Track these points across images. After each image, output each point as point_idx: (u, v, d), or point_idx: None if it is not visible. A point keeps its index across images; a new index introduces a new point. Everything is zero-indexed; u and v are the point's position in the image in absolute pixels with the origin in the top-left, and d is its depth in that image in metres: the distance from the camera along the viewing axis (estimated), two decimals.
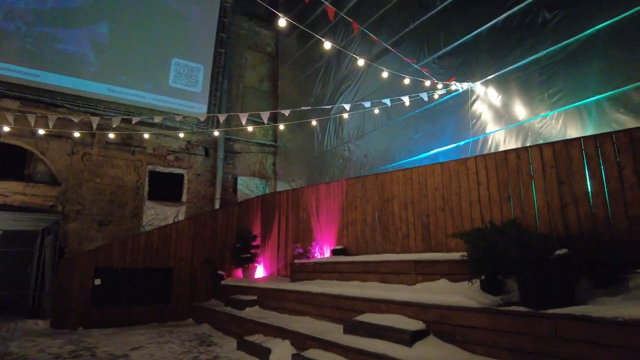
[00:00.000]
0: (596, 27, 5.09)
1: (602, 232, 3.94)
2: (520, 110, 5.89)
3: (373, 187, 6.72)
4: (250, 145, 12.41)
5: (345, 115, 8.21)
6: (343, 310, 5.10)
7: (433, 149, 7.06)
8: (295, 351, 4.82)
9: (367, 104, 6.60)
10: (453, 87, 6.48)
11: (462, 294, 4.08)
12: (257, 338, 5.65)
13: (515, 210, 4.74)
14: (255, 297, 7.29)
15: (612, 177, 3.97)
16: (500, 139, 6.06)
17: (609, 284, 3.61)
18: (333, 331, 4.75)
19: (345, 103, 7.88)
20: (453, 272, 4.74)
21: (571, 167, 4.28)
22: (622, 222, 3.85)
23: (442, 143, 6.87)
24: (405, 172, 6.22)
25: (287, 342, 5.14)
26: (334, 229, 7.49)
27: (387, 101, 6.57)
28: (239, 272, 9.49)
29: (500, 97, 6.15)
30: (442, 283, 4.72)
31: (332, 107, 9.50)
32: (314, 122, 8.07)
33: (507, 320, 3.38)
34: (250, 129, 10.17)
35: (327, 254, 7.40)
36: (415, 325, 4.01)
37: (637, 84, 4.62)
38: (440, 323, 3.92)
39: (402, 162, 7.57)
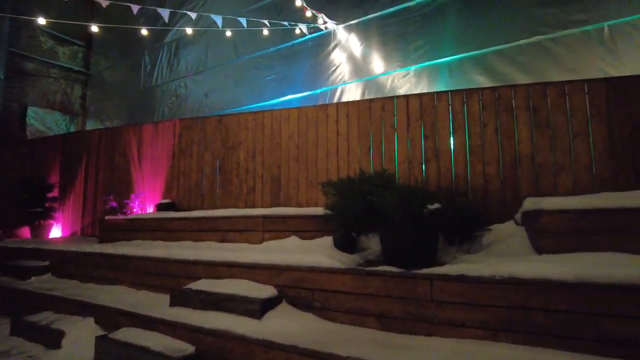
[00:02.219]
0: None
1: (461, 189, 3.83)
2: (383, 62, 5.59)
3: (215, 132, 5.62)
4: (50, 68, 9.48)
5: (186, 44, 6.73)
6: (171, 278, 4.01)
7: (287, 95, 6.32)
8: (101, 332, 3.55)
9: (218, 20, 5.34)
10: (320, 22, 5.77)
11: (318, 252, 3.49)
12: (44, 317, 4.09)
13: (375, 163, 4.37)
14: (46, 263, 5.46)
15: (475, 134, 3.87)
16: (359, 92, 5.69)
17: (463, 241, 3.52)
18: (156, 304, 3.64)
19: (187, 27, 6.40)
20: (305, 228, 4.17)
21: (437, 122, 4.06)
22: (479, 180, 3.79)
23: (296, 89, 6.17)
24: (256, 116, 5.31)
25: (89, 321, 3.79)
26: (161, 179, 6.14)
27: (243, 21, 5.45)
28: (25, 232, 7.23)
29: (363, 45, 5.75)
30: (293, 241, 4.10)
31: (168, 31, 7.78)
32: (143, 31, 6.29)
33: (377, 282, 2.90)
34: (52, 45, 7.61)
35: (152, 209, 6.03)
36: (266, 291, 3.25)
37: (493, 47, 4.71)
38: (296, 288, 3.25)
39: (250, 106, 6.62)
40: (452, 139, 3.97)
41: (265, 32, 5.90)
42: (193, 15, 5.59)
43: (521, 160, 3.63)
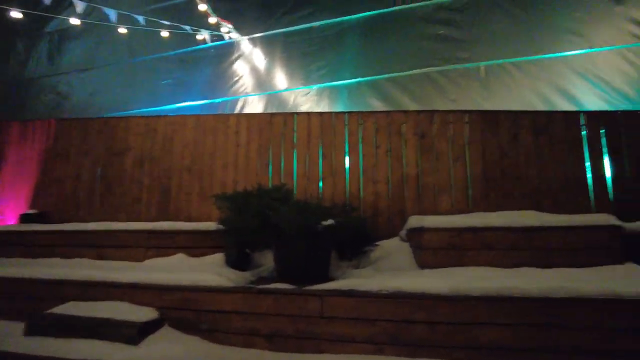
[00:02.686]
0: (356, 16, 5.34)
1: (354, 205, 3.94)
2: (287, 78, 5.63)
3: (99, 135, 5.07)
4: None
5: (72, 37, 6.03)
6: (31, 301, 3.43)
7: (184, 102, 6.00)
8: None
9: (112, 15, 4.87)
10: (224, 31, 5.61)
11: (208, 270, 3.30)
12: None
13: (273, 178, 4.32)
14: None
15: (369, 154, 4.05)
16: (261, 105, 5.64)
17: (352, 256, 3.62)
18: (8, 334, 3.08)
19: (74, 18, 5.75)
20: (194, 245, 3.94)
21: (335, 140, 4.17)
22: (370, 197, 3.96)
23: (195, 96, 5.90)
24: (148, 121, 4.92)
25: None
26: (27, 187, 5.33)
27: (140, 19, 5.05)
28: None
29: (267, 59, 5.74)
30: (181, 259, 3.83)
31: (51, 19, 6.90)
32: (16, 14, 5.41)
33: (269, 300, 2.80)
34: None
35: (14, 221, 5.19)
36: (146, 314, 2.93)
37: (388, 75, 5.03)
38: (181, 309, 3.00)
39: (142, 110, 6.13)
40: (347, 157, 4.09)
41: (165, 34, 5.57)
42: (80, 4, 5.02)
43: (408, 180, 3.88)
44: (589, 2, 4.71)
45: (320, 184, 4.12)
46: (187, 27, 5.44)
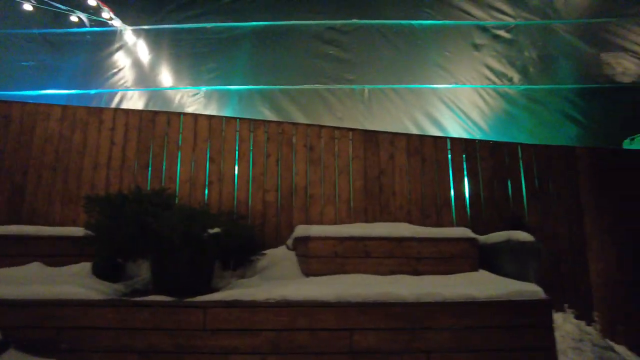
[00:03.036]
0: (251, 23, 5.33)
1: (242, 213, 3.89)
2: (173, 76, 5.31)
3: None
4: None
5: None
6: None
7: (49, 89, 5.22)
8: None
9: None
10: (105, 17, 5.05)
11: (70, 282, 2.92)
12: None
13: (153, 181, 4.02)
14: None
15: (259, 162, 4.03)
16: (142, 102, 5.21)
17: (237, 266, 3.55)
18: None
19: None
20: (54, 252, 3.46)
21: (224, 146, 4.06)
22: (259, 206, 3.94)
23: (64, 84, 5.19)
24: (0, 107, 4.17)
25: None
26: None
27: None
28: None
29: (152, 54, 5.35)
30: (36, 268, 3.32)
31: None
32: None
33: (145, 314, 2.58)
34: None
35: None
36: None
37: (280, 86, 5.10)
38: (35, 328, 2.58)
39: None
40: (237, 164, 4.02)
41: (28, 7, 4.80)
42: None
43: (297, 190, 3.96)
44: (456, 44, 5.46)
45: (206, 190, 3.96)
46: (60, 5, 4.78)
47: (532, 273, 3.30)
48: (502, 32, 5.55)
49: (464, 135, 5.15)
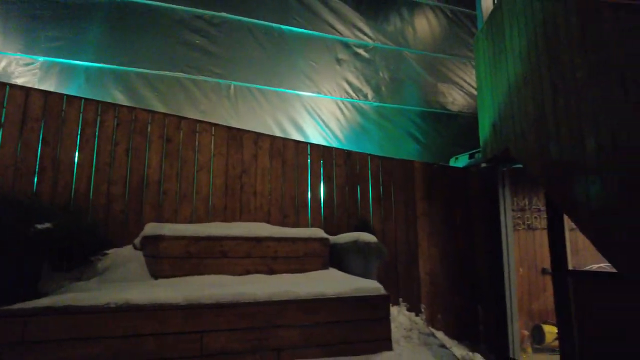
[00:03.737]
0: None
1: (80, 207, 3.42)
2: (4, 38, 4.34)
3: None
4: None
5: None
6: None
7: None
8: None
9: None
10: None
11: None
12: None
13: None
14: None
15: (105, 151, 3.60)
16: None
17: (72, 267, 3.12)
18: None
19: None
20: None
21: (63, 128, 3.51)
22: (102, 199, 3.51)
23: None
24: None
25: None
26: None
27: None
28: None
29: None
30: None
31: None
32: None
33: None
34: None
35: None
36: None
37: (137, 69, 4.64)
38: None
39: None
40: (77, 151, 3.52)
41: None
42: None
43: (149, 185, 3.66)
44: (322, 56, 5.76)
45: (36, 177, 3.37)
46: None
47: (375, 271, 3.66)
48: (361, 51, 6.06)
49: (323, 142, 5.45)
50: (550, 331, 4.55)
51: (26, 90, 3.51)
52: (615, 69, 2.55)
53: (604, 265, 4.77)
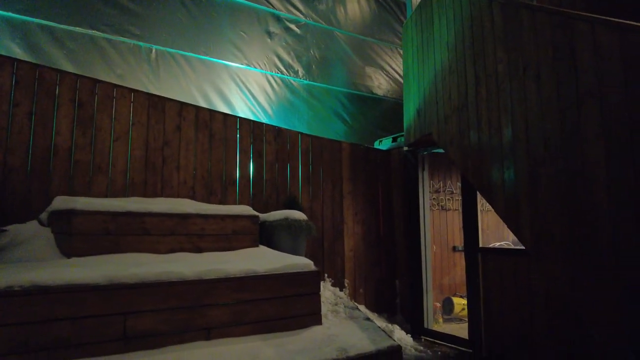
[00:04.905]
0: None
1: None
2: None
3: None
4: None
5: None
6: None
7: None
8: None
9: None
10: None
11: None
12: None
13: None
14: None
15: (1, 112, 3.12)
16: None
17: None
18: None
19: None
20: None
21: None
22: None
23: None
24: None
25: None
26: None
27: None
28: None
29: None
30: None
31: None
32: None
33: None
34: None
35: None
36: None
37: (41, 20, 4.04)
38: None
39: None
40: None
41: None
42: None
43: (57, 154, 3.26)
44: (252, 27, 5.51)
45: None
46: None
47: (304, 248, 3.70)
48: (293, 26, 5.93)
49: (251, 117, 5.28)
50: (459, 302, 5.01)
51: None
52: (531, 66, 2.80)
53: (503, 244, 5.34)
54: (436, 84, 4.08)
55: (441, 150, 4.46)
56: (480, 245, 3.92)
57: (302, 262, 2.99)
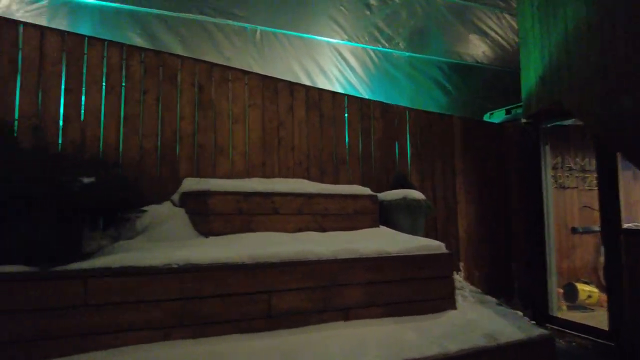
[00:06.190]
0: None
1: (111, 161, 3.15)
2: None
3: None
4: None
5: None
6: None
7: None
8: None
9: None
10: None
11: None
12: None
13: None
14: None
15: (133, 100, 3.28)
16: None
17: (109, 225, 2.90)
18: None
19: None
20: None
21: (86, 74, 3.17)
22: (133, 153, 3.24)
23: None
24: None
25: None
26: None
27: None
28: None
29: None
30: None
31: None
32: None
33: None
34: None
35: None
36: None
37: (156, 10, 4.22)
38: None
39: None
40: (104, 100, 3.20)
41: None
42: None
43: (182, 138, 3.38)
44: (352, 0, 5.32)
45: (61, 129, 3.06)
46: None
47: (423, 229, 3.53)
48: None
49: (352, 93, 5.14)
50: (584, 289, 4.55)
51: (42, 30, 3.13)
52: None
53: (632, 225, 4.73)
54: (567, 46, 3.61)
55: (568, 122, 4.00)
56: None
57: (434, 244, 2.84)
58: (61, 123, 3.06)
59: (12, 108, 2.95)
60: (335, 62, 5.23)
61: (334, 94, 4.04)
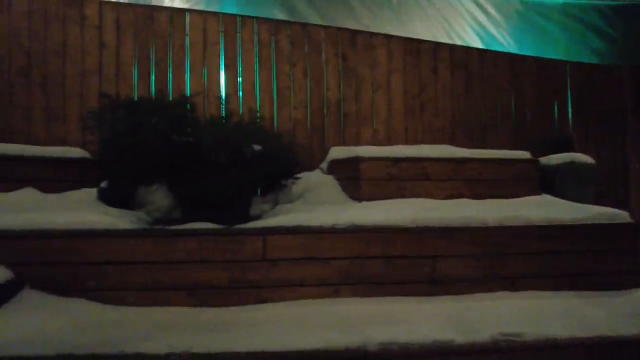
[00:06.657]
0: None
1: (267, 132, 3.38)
2: None
3: None
4: None
5: None
6: None
7: None
8: None
9: None
10: None
11: (85, 209, 2.41)
12: None
13: (156, 90, 3.37)
14: None
15: (283, 73, 3.46)
16: None
17: (267, 191, 3.12)
18: None
19: None
20: (47, 176, 2.87)
21: (240, 51, 3.43)
22: (286, 124, 3.44)
23: None
24: None
25: None
26: None
27: None
28: None
29: None
30: (31, 194, 2.72)
31: None
32: None
33: (191, 244, 2.13)
34: None
35: None
36: None
37: None
38: (53, 264, 2.08)
39: None
40: (257, 74, 3.43)
41: None
42: None
43: (329, 107, 3.47)
44: None
45: (223, 103, 3.38)
46: None
47: (591, 198, 3.12)
48: None
49: (499, 49, 4.70)
50: None
51: (202, 15, 3.45)
52: None
53: None
54: None
55: None
56: None
57: (613, 212, 2.48)
58: (223, 97, 3.36)
59: (184, 85, 3.34)
60: (477, 18, 4.79)
61: (481, 51, 3.75)
